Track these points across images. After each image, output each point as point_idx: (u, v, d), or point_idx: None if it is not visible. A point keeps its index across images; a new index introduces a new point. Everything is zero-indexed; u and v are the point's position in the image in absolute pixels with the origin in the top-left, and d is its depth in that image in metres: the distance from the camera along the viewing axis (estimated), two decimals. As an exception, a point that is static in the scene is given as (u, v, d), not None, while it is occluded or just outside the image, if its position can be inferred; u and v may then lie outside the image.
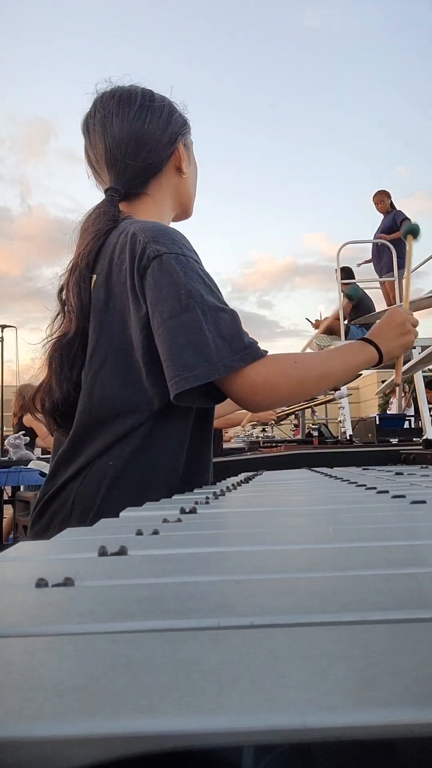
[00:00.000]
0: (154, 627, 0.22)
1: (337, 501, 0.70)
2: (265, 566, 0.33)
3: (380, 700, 0.14)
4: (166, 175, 1.05)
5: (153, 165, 1.03)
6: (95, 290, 0.95)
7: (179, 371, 0.84)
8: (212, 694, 0.15)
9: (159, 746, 0.14)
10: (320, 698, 0.15)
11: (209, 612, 0.24)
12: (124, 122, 1.00)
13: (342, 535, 0.44)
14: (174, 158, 1.05)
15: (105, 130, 1.01)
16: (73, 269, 0.96)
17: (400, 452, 1.96)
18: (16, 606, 0.27)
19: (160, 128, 1.02)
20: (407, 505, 0.58)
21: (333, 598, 0.25)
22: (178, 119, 1.06)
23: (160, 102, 1.04)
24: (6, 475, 4.29)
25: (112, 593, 0.28)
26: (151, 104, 1.02)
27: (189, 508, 0.59)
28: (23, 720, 0.14)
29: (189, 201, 1.12)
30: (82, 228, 1.01)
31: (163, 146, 1.03)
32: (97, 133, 1.02)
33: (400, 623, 0.21)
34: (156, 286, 0.87)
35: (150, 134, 1.01)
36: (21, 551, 0.42)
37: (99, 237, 0.95)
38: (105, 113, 1.01)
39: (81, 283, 0.94)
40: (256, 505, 0.75)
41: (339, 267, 5.09)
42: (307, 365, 0.96)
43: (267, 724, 0.14)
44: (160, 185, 1.05)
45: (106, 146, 1.01)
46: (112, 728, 0.14)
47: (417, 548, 0.38)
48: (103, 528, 0.52)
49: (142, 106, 1.02)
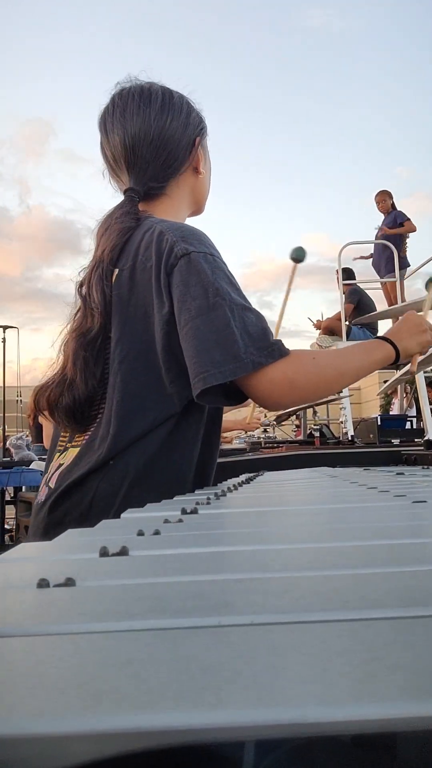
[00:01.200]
0: (155, 626, 0.22)
1: (338, 501, 0.70)
2: (266, 565, 0.34)
3: (380, 694, 0.14)
4: (185, 175, 1.05)
5: (173, 166, 1.02)
6: (118, 285, 0.94)
7: (207, 367, 0.83)
8: (213, 689, 0.15)
9: (160, 742, 0.14)
10: (321, 693, 0.15)
11: (210, 610, 0.24)
12: (145, 121, 0.99)
13: (342, 534, 0.44)
14: (192, 158, 1.05)
15: (125, 128, 1.00)
16: (96, 265, 0.96)
17: (402, 453, 1.96)
18: (18, 606, 0.27)
19: (180, 129, 1.02)
20: (408, 504, 0.58)
21: (334, 596, 0.25)
22: (196, 119, 1.06)
23: (179, 101, 1.03)
24: (8, 475, 4.29)
25: (113, 593, 0.28)
26: (171, 103, 1.02)
27: (190, 509, 0.59)
28: (24, 717, 0.15)
29: (203, 199, 1.12)
30: (103, 227, 1.00)
31: (183, 147, 1.03)
32: (116, 130, 1.01)
33: (400, 620, 0.21)
34: (183, 283, 0.87)
35: (171, 134, 1.01)
36: (22, 552, 0.42)
37: (124, 234, 0.95)
38: (124, 110, 1.00)
39: (104, 280, 0.94)
40: (258, 505, 0.75)
41: (340, 268, 5.09)
42: (326, 363, 0.96)
43: (267, 719, 0.14)
44: (177, 185, 1.05)
45: (125, 144, 1.00)
46: (112, 724, 0.14)
47: (419, 546, 0.38)
48: (104, 529, 0.52)
49: (163, 105, 1.01)
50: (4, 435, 5.97)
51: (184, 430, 0.93)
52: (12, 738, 0.14)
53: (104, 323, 0.93)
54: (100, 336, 0.93)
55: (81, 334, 0.94)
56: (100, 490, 0.90)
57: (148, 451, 0.91)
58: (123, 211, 0.99)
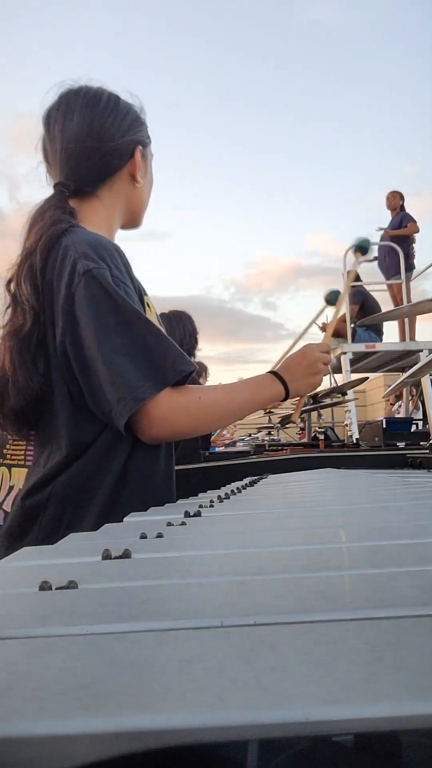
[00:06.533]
0: (157, 627, 0.22)
1: (341, 502, 0.70)
2: (268, 567, 0.33)
3: (384, 694, 0.14)
4: (119, 180, 1.05)
5: (106, 167, 1.02)
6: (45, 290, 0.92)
7: (128, 391, 0.83)
8: (214, 690, 0.15)
9: (162, 742, 0.14)
10: (324, 692, 0.15)
11: (212, 612, 0.24)
12: (84, 119, 1.00)
13: (344, 534, 0.44)
14: (129, 165, 1.05)
15: (65, 124, 1.01)
16: (25, 259, 0.94)
17: (407, 456, 1.96)
18: (20, 609, 0.27)
19: (120, 132, 1.02)
20: (411, 505, 0.58)
21: (336, 596, 0.25)
22: (140, 128, 1.06)
23: (124, 107, 1.04)
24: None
25: (115, 595, 0.28)
26: (115, 107, 1.03)
27: (193, 512, 0.59)
28: (26, 718, 0.15)
29: (139, 210, 1.12)
30: (29, 222, 0.99)
31: (119, 152, 1.03)
32: (57, 126, 1.01)
33: (404, 619, 0.21)
34: (89, 301, 0.86)
35: (108, 136, 1.01)
36: (24, 556, 0.42)
37: (51, 239, 0.93)
38: (68, 108, 1.01)
39: (33, 278, 0.92)
40: (261, 507, 0.75)
41: (346, 270, 5.08)
42: (211, 403, 0.95)
43: (270, 719, 0.14)
44: (111, 189, 1.05)
45: (62, 140, 1.01)
46: (115, 725, 0.14)
47: (423, 547, 0.38)
48: (107, 532, 0.52)
49: (106, 108, 1.02)
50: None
51: (113, 452, 0.92)
52: (15, 739, 0.14)
53: (37, 315, 0.91)
54: (35, 332, 0.90)
55: (13, 331, 0.91)
56: (48, 513, 0.89)
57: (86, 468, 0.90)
58: (46, 207, 0.99)
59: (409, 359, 5.07)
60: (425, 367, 2.88)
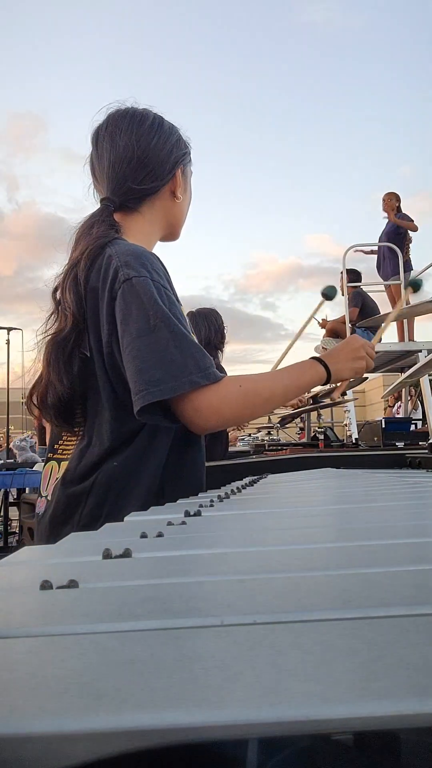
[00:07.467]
0: (158, 626, 0.22)
1: (341, 501, 0.70)
2: (268, 566, 0.34)
3: (383, 692, 0.14)
4: (161, 197, 1.11)
5: (150, 185, 1.09)
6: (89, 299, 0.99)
7: (146, 386, 0.88)
8: (215, 688, 0.15)
9: (162, 741, 0.14)
10: (323, 691, 0.15)
11: (212, 611, 0.24)
12: (131, 139, 1.07)
13: (344, 534, 0.44)
14: (171, 182, 1.11)
15: (113, 145, 1.07)
16: (71, 269, 1.00)
17: (406, 456, 1.96)
18: (21, 608, 0.27)
19: (164, 152, 1.09)
20: (412, 505, 0.58)
21: (336, 595, 0.25)
22: (182, 148, 1.13)
23: (169, 128, 1.11)
24: (11, 477, 4.30)
25: (115, 594, 0.28)
26: (160, 127, 1.10)
27: (194, 511, 0.59)
28: (26, 717, 0.15)
29: (178, 225, 1.18)
30: (77, 235, 1.06)
31: (163, 170, 1.09)
32: (104, 145, 1.08)
33: (403, 618, 0.21)
34: (126, 307, 0.92)
35: (154, 155, 1.08)
36: (26, 555, 0.42)
37: (96, 249, 1.00)
38: (115, 128, 1.08)
39: (77, 286, 0.98)
40: (261, 507, 0.75)
41: (345, 270, 5.08)
42: (252, 390, 0.99)
43: (270, 717, 0.14)
44: (152, 206, 1.11)
45: (110, 158, 1.07)
46: (115, 724, 0.14)
47: (422, 546, 0.38)
48: (107, 532, 0.52)
49: (152, 127, 1.09)
50: (8, 436, 5.97)
51: (153, 445, 0.98)
52: (16, 737, 0.14)
53: (77, 321, 0.97)
54: (72, 337, 0.97)
55: (53, 336, 0.99)
56: (90, 501, 0.95)
57: (123, 463, 0.96)
58: (97, 219, 1.05)
59: (408, 359, 5.08)
60: (424, 367, 2.88)
